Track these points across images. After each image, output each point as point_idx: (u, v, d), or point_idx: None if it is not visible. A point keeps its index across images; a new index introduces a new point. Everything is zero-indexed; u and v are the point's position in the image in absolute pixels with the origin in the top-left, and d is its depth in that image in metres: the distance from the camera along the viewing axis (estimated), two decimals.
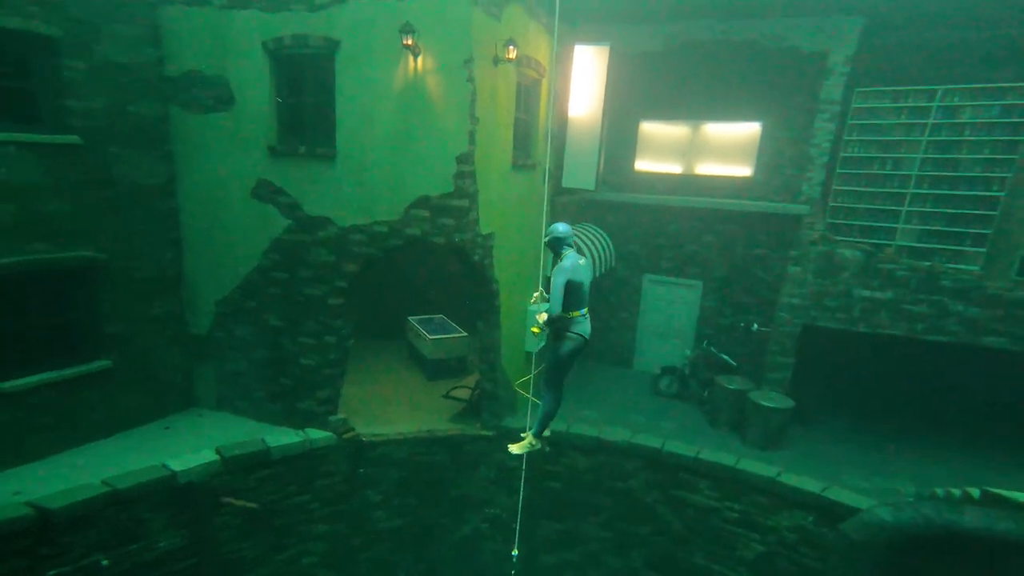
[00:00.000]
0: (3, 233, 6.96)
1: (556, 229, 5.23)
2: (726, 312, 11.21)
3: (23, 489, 6.72)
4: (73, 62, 7.36)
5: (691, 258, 11.33)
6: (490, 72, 7.47)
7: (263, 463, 7.71)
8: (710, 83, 10.46)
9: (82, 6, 7.31)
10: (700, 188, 11.01)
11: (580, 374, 11.43)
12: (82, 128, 7.52)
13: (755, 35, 9.86)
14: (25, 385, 7.35)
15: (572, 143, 9.92)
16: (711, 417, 9.89)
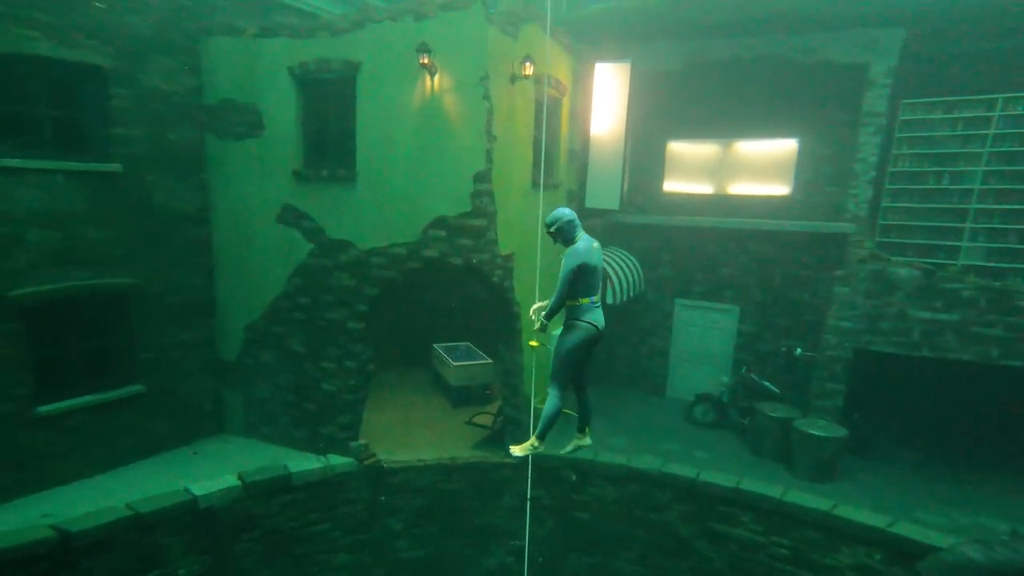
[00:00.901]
0: (48, 260, 6.78)
1: (564, 213, 4.35)
2: (766, 337, 10.11)
3: (53, 512, 6.38)
4: (120, 91, 7.25)
5: (726, 281, 10.32)
6: (507, 90, 6.91)
7: (284, 488, 7.17)
8: (740, 100, 9.63)
9: (131, 37, 7.23)
10: (733, 208, 10.07)
11: (610, 401, 10.49)
12: (123, 156, 7.36)
13: (785, 50, 8.97)
14: (62, 408, 7.07)
15: (595, 162, 9.23)
16: (753, 446, 8.84)
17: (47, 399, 6.97)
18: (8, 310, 6.52)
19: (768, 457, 8.53)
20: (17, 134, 6.56)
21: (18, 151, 6.51)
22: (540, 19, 7.48)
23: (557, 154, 8.47)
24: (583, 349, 4.33)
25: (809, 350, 9.26)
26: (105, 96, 7.16)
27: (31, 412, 6.80)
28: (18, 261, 6.56)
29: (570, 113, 8.68)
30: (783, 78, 9.22)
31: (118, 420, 7.60)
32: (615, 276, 8.95)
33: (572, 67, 8.65)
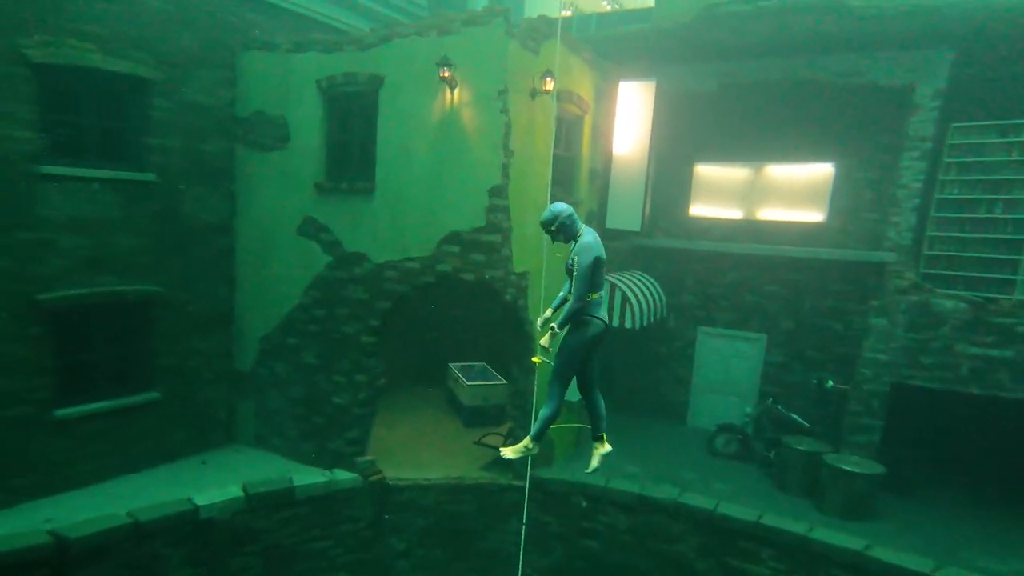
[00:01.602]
0: (78, 266, 6.66)
1: (561, 208, 3.82)
2: (795, 368, 9.25)
3: (57, 517, 6.09)
4: (161, 102, 7.19)
5: (753, 309, 9.53)
6: (526, 105, 6.50)
7: (287, 502, 6.74)
8: (773, 123, 8.94)
9: (177, 51, 7.20)
10: (763, 234, 9.31)
11: (627, 428, 9.76)
12: (158, 165, 7.26)
13: (822, 72, 8.27)
14: (79, 413, 6.85)
15: (616, 183, 8.69)
16: (778, 481, 8.09)
17: (65, 403, 6.77)
18: (35, 314, 6.38)
19: (794, 492, 7.81)
20: (62, 142, 6.52)
21: (60, 158, 6.46)
22: (563, 36, 7.07)
23: (577, 172, 7.98)
24: (591, 347, 3.85)
25: (841, 383, 8.44)
26: (147, 107, 7.12)
27: (49, 415, 6.61)
28: (50, 266, 6.46)
29: (592, 131, 8.20)
30: (820, 100, 8.54)
31: (133, 427, 7.35)
32: (635, 300, 8.31)
33: (595, 84, 8.20)
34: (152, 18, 6.91)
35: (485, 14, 6.20)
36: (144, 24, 6.85)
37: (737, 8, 7.22)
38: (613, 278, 8.49)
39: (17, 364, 6.32)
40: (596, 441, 4.26)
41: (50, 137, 6.40)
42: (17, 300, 6.24)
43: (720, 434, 9.09)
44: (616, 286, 8.31)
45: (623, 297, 8.24)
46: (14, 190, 6.14)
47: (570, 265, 3.72)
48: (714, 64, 8.80)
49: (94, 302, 6.83)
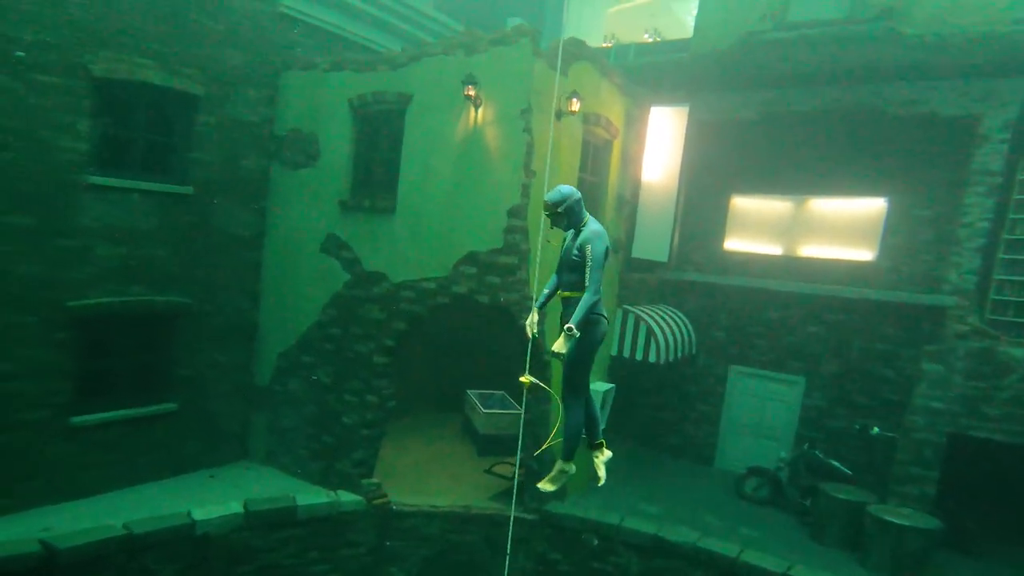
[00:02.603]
0: (110, 274, 6.50)
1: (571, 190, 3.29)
2: (837, 413, 8.26)
3: (57, 525, 5.75)
4: (206, 118, 7.10)
5: (791, 350, 8.56)
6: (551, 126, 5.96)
7: (288, 522, 6.26)
8: (819, 154, 8.10)
9: (225, 69, 7.14)
10: (805, 272, 8.39)
11: (648, 467, 8.92)
12: (197, 179, 7.12)
13: (877, 101, 7.40)
14: (96, 420, 6.55)
15: (644, 211, 8.02)
16: (814, 530, 7.21)
17: (82, 410, 6.47)
18: (64, 320, 6.22)
19: (832, 544, 6.98)
20: (110, 153, 6.48)
21: (106, 169, 6.41)
22: (593, 58, 6.59)
23: (603, 198, 7.37)
24: (599, 347, 3.36)
25: (889, 430, 7.53)
26: (192, 122, 7.04)
27: (65, 421, 6.33)
28: (83, 273, 6.33)
29: (621, 157, 7.61)
30: (873, 131, 7.68)
31: (146, 437, 7.03)
32: (660, 334, 7.53)
33: (626, 109, 7.63)
34: (205, 37, 6.90)
35: (512, 33, 5.81)
36: (197, 42, 6.84)
37: (780, 36, 6.56)
38: (638, 310, 7.77)
39: (40, 368, 6.14)
40: (595, 449, 3.68)
41: (99, 148, 6.37)
42: (48, 306, 6.10)
43: (750, 477, 8.21)
44: (641, 319, 7.58)
45: (648, 331, 7.49)
46: (61, 199, 6.09)
47: (576, 255, 3.16)
48: (754, 92, 8.07)
49: (122, 310, 6.65)
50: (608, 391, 7.59)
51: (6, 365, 5.92)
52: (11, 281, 5.85)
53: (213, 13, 6.93)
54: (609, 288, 7.87)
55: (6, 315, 5.85)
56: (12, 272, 5.86)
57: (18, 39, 5.63)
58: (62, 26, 5.89)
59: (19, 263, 5.90)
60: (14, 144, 5.75)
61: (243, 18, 7.21)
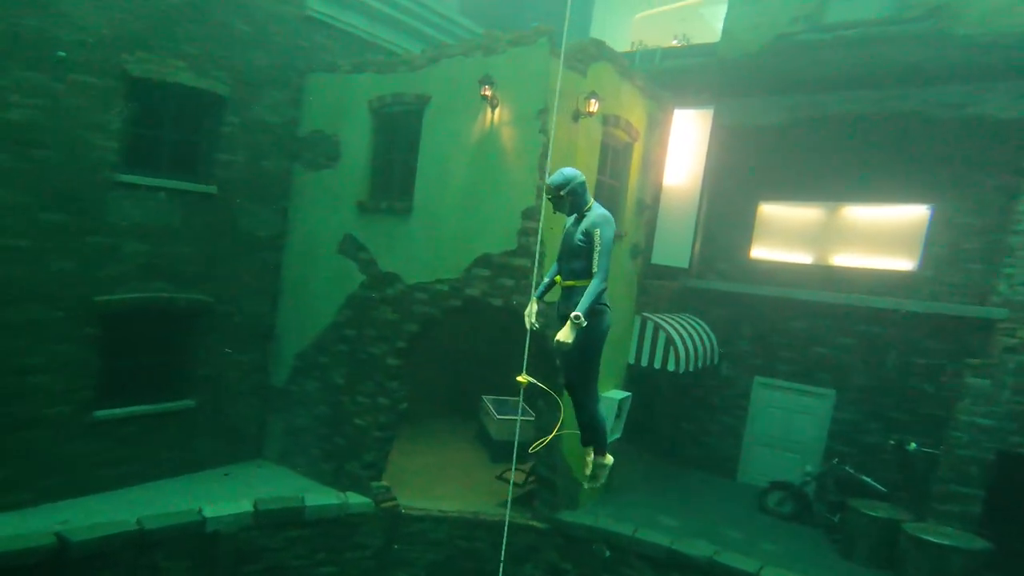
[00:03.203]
0: (135, 271, 6.49)
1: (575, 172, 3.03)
2: (871, 428, 7.71)
3: (74, 519, 5.69)
4: (232, 119, 7.07)
5: (821, 362, 8.03)
6: (568, 127, 5.70)
7: (296, 522, 6.09)
8: (854, 160, 7.55)
9: (252, 71, 7.10)
10: (837, 282, 7.84)
11: (666, 478, 8.45)
12: (222, 179, 7.07)
13: (919, 104, 6.85)
14: (117, 415, 6.51)
15: (665, 216, 7.60)
16: (843, 548, 6.79)
17: (105, 404, 6.45)
18: (90, 315, 6.21)
19: (863, 562, 6.58)
20: (140, 152, 6.49)
21: (136, 167, 6.42)
22: (614, 59, 6.23)
23: (623, 202, 7.00)
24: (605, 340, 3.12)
25: (927, 446, 7.06)
26: (219, 123, 7.01)
27: (89, 416, 6.30)
28: (111, 270, 6.32)
29: (642, 160, 7.24)
30: (915, 135, 7.11)
31: (165, 433, 6.97)
32: (680, 342, 7.08)
33: (648, 112, 7.26)
34: (233, 39, 6.87)
35: (530, 34, 5.54)
36: (226, 44, 6.81)
37: (814, 38, 6.08)
38: (657, 318, 7.35)
39: (66, 363, 6.12)
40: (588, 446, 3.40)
41: (129, 147, 6.37)
42: (76, 302, 6.10)
43: (774, 491, 7.77)
44: (660, 327, 7.15)
45: (667, 339, 7.07)
46: (93, 196, 6.11)
47: (582, 240, 2.91)
48: (784, 97, 7.65)
49: (145, 307, 6.62)
50: (624, 399, 7.20)
51: (34, 359, 5.92)
52: (43, 277, 5.87)
53: (242, 15, 6.89)
54: (627, 294, 7.48)
55: (36, 310, 5.87)
56: (45, 268, 5.88)
57: (59, 39, 5.67)
58: (102, 27, 5.92)
59: (52, 259, 5.92)
60: (52, 142, 5.79)
61: (270, 21, 7.15)
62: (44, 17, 5.55)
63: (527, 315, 3.07)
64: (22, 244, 5.71)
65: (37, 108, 5.64)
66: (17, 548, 4.72)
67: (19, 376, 5.83)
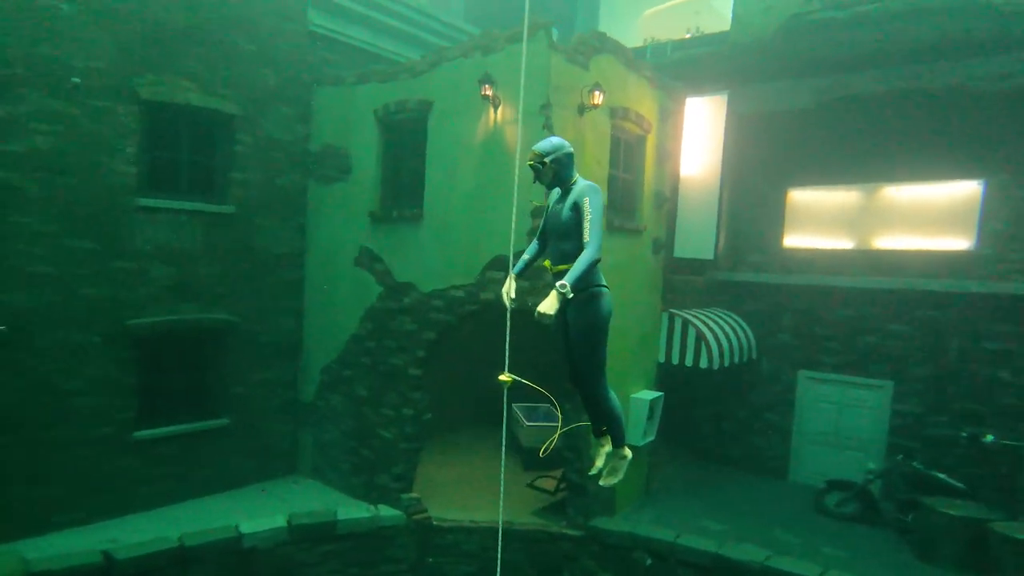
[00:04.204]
0: (163, 294, 6.86)
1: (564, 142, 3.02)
2: (937, 421, 7.52)
3: (121, 538, 6.10)
4: (243, 137, 7.38)
5: (873, 352, 7.86)
6: (573, 121, 5.79)
7: (329, 536, 6.40)
8: (892, 139, 7.45)
9: (259, 88, 7.42)
10: (883, 266, 7.70)
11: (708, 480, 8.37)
12: (238, 199, 7.43)
13: (964, 78, 6.71)
14: (156, 435, 6.93)
15: (685, 208, 7.61)
16: (922, 549, 6.63)
17: (144, 425, 6.88)
18: (124, 338, 6.63)
19: (946, 564, 6.41)
20: (157, 175, 6.85)
21: (155, 191, 6.79)
22: (618, 51, 6.30)
23: (639, 196, 7.03)
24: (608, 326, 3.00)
25: (1008, 438, 6.82)
26: (231, 142, 7.34)
27: (129, 436, 6.74)
28: (140, 293, 6.70)
29: (657, 152, 7.27)
30: (957, 110, 6.92)
31: (202, 452, 7.37)
32: (712, 337, 7.03)
33: (660, 103, 7.30)
34: (241, 58, 7.21)
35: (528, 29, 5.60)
36: (232, 63, 7.15)
37: (828, 16, 5.96)
38: (685, 314, 7.32)
39: (107, 385, 6.57)
40: (600, 439, 3.32)
41: (147, 170, 6.75)
42: (109, 326, 6.54)
43: (832, 491, 7.64)
44: (689, 323, 7.11)
45: (698, 335, 7.03)
46: (116, 221, 6.50)
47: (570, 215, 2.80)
48: (807, 79, 7.60)
49: (175, 328, 7.03)
50: (656, 400, 7.21)
51: (76, 382, 6.40)
52: (77, 302, 6.32)
53: (245, 34, 7.22)
54: (652, 290, 7.48)
55: (74, 335, 6.33)
56: (78, 293, 6.32)
57: (73, 65, 6.05)
58: (112, 51, 6.23)
59: (83, 285, 6.34)
60: (73, 168, 6.13)
61: (274, 38, 7.50)
62: (58, 44, 5.93)
63: (504, 293, 3.02)
64: (53, 271, 6.11)
65: (57, 135, 6.03)
66: (67, 566, 5.16)
67: (62, 399, 6.30)
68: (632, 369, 7.10)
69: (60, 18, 5.94)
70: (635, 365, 7.16)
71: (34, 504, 6.17)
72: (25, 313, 5.99)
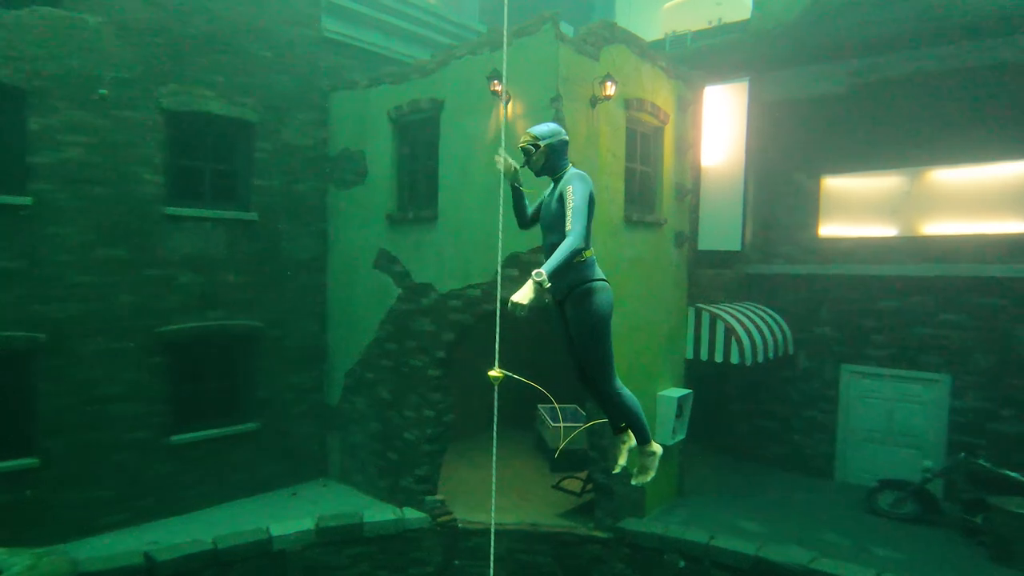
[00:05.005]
0: (192, 301, 7.22)
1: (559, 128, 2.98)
2: (1004, 416, 7.28)
3: (161, 540, 6.47)
4: (263, 145, 7.69)
5: (924, 343, 7.66)
6: (585, 113, 5.85)
7: (356, 539, 6.64)
8: (935, 120, 7.30)
9: (277, 95, 7.73)
10: (931, 252, 7.52)
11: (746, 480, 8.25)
12: (260, 205, 7.74)
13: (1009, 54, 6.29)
14: (190, 439, 7.30)
15: (708, 199, 7.61)
16: (996, 551, 6.44)
17: (179, 429, 7.26)
18: (157, 345, 6.99)
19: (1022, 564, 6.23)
20: (182, 184, 7.19)
21: (181, 200, 7.13)
22: (629, 40, 6.35)
23: (658, 188, 7.04)
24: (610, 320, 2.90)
25: None
26: (251, 149, 7.65)
27: (166, 440, 7.13)
28: (170, 301, 7.07)
29: (676, 144, 7.26)
30: (1008, 88, 6.69)
31: (234, 455, 7.70)
32: (741, 330, 6.94)
33: (677, 93, 7.30)
34: (258, 65, 7.53)
35: (534, 22, 5.79)
36: (252, 71, 7.47)
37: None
38: (714, 308, 7.27)
39: (142, 391, 6.93)
40: (622, 433, 3.25)
41: (173, 179, 7.07)
42: (143, 332, 6.94)
43: (884, 491, 7.50)
44: (718, 317, 7.05)
45: (727, 329, 6.95)
46: (146, 230, 6.86)
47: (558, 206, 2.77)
48: (837, 63, 7.53)
49: (204, 334, 7.38)
50: (684, 397, 7.18)
51: (114, 388, 6.82)
52: (112, 310, 6.70)
53: (262, 41, 7.53)
54: (676, 285, 7.47)
55: (110, 341, 6.75)
56: (113, 301, 6.70)
57: (100, 77, 6.42)
58: (136, 62, 6.60)
59: (117, 293, 6.70)
60: (104, 179, 6.51)
61: (289, 45, 7.82)
62: (86, 57, 6.32)
63: (497, 158, 2.93)
64: (89, 280, 6.51)
65: (87, 146, 6.40)
66: (113, 567, 5.51)
67: (102, 404, 6.72)
68: (658, 366, 7.10)
69: (87, 31, 6.30)
70: (661, 362, 7.15)
71: (83, 507, 6.58)
72: (66, 322, 6.40)
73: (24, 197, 6.12)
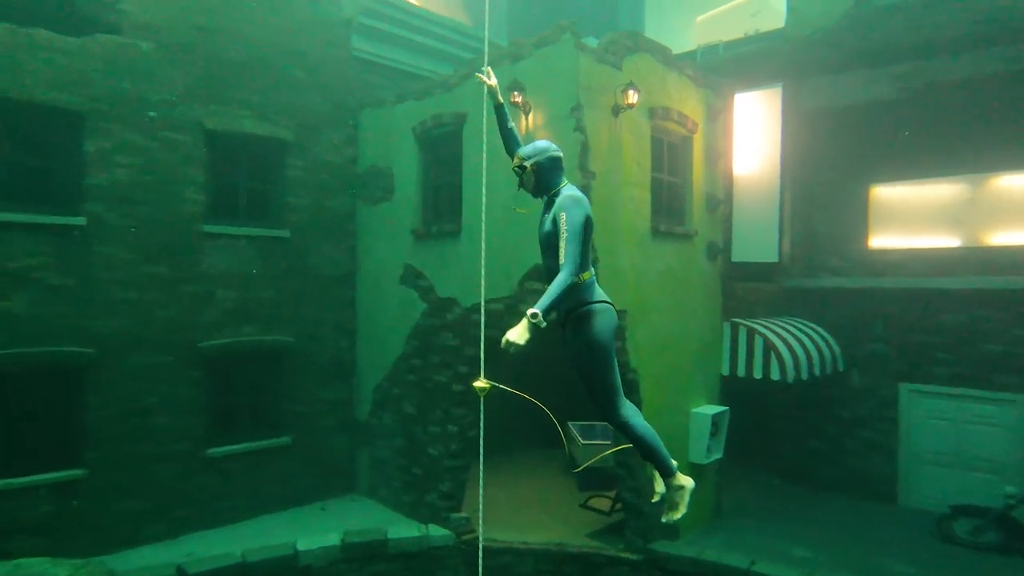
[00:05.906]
0: (227, 316, 7.60)
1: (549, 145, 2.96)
2: None
3: (198, 551, 6.77)
4: (296, 162, 8.12)
5: (996, 362, 7.33)
6: (608, 123, 5.95)
7: (380, 556, 6.82)
8: (1000, 124, 7.04)
9: (310, 114, 8.17)
10: (998, 264, 7.23)
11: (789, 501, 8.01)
12: (292, 222, 8.15)
13: None
14: (227, 452, 7.63)
15: (742, 209, 7.52)
16: None
17: (216, 442, 7.60)
18: (196, 359, 7.38)
19: None
20: (220, 202, 7.64)
21: (219, 217, 7.57)
22: (653, 49, 6.45)
23: (687, 199, 7.03)
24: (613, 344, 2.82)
25: None
26: (284, 167, 8.08)
27: (203, 453, 7.47)
28: (207, 316, 7.48)
29: (706, 153, 7.24)
30: None
31: (268, 469, 8.00)
32: (782, 346, 6.76)
33: (705, 101, 7.29)
34: (292, 86, 7.99)
35: (554, 32, 5.94)
36: (284, 90, 7.93)
37: None
38: (751, 323, 7.13)
39: (181, 404, 7.30)
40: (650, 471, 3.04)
41: (212, 198, 7.49)
42: (182, 347, 7.35)
43: (959, 518, 7.20)
44: (755, 332, 6.90)
45: (766, 345, 6.79)
46: (187, 247, 7.28)
47: (550, 228, 2.73)
48: (883, 68, 7.33)
49: (239, 350, 7.76)
50: (720, 415, 7.06)
51: (154, 400, 7.23)
52: (153, 325, 7.13)
53: (296, 62, 8.01)
54: (709, 299, 7.40)
55: (151, 356, 7.19)
56: (154, 317, 7.12)
57: (149, 100, 6.93)
58: (180, 85, 7.09)
59: (158, 308, 7.13)
60: (150, 199, 6.97)
61: (321, 65, 8.29)
62: (136, 80, 6.82)
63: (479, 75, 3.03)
64: (133, 296, 6.96)
65: (136, 168, 6.87)
66: None
67: (143, 416, 7.13)
68: (691, 382, 7.01)
69: (141, 56, 6.84)
70: (695, 378, 7.05)
71: (124, 518, 6.94)
72: (111, 337, 6.87)
73: (78, 217, 6.61)
